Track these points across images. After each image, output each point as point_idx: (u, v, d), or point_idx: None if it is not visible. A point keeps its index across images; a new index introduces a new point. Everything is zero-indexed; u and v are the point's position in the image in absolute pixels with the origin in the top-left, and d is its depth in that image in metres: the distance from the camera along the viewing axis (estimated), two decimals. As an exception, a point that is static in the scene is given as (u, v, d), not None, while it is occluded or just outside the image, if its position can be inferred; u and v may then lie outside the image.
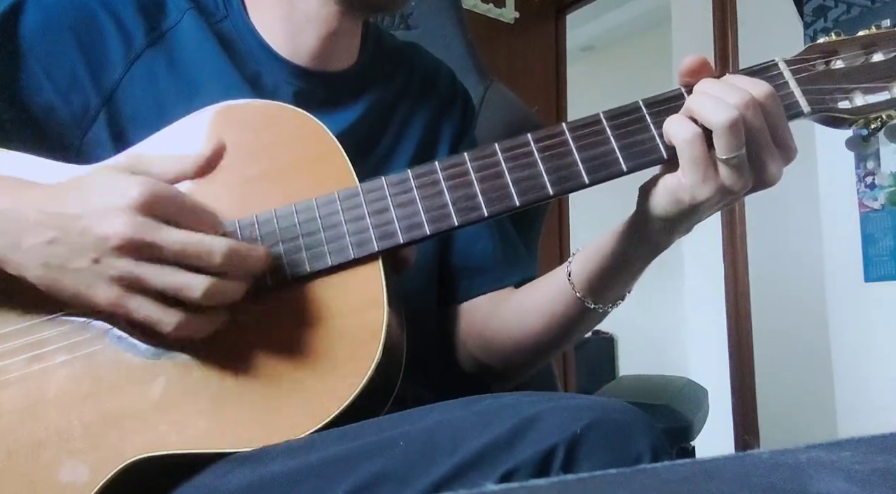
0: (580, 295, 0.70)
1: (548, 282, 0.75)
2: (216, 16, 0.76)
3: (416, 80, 0.87)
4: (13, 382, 0.60)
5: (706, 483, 0.31)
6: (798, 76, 0.62)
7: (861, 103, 0.62)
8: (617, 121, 0.62)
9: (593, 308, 0.70)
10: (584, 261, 0.70)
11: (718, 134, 0.56)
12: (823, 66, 0.63)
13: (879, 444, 0.36)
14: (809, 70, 0.63)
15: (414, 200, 0.62)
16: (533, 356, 0.80)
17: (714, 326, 2.73)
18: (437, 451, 0.49)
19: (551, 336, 0.75)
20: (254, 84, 0.75)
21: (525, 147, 0.62)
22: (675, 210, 0.60)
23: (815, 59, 0.63)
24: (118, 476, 0.57)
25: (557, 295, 0.72)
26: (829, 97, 0.62)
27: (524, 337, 0.77)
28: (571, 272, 0.70)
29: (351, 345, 0.59)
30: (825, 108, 0.62)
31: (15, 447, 0.59)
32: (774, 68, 0.63)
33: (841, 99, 0.62)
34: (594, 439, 0.47)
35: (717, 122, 0.56)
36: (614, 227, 0.67)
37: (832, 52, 0.64)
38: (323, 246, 0.61)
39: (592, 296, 0.70)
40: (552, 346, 0.78)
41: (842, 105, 0.62)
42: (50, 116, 0.70)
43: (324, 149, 0.65)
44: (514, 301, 0.80)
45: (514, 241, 0.87)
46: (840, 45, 0.64)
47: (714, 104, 0.57)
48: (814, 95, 0.62)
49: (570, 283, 0.70)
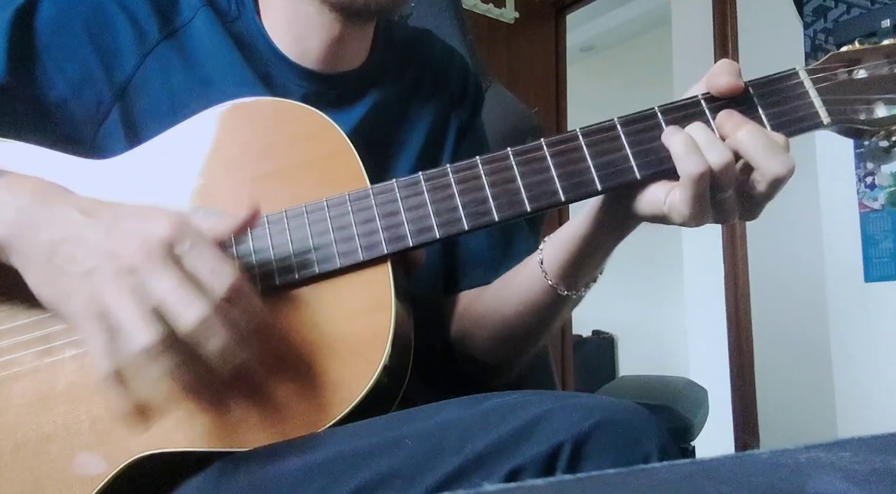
0: (552, 283, 0.69)
1: (521, 272, 0.75)
2: (229, 16, 0.76)
3: (427, 73, 0.86)
4: (23, 375, 0.60)
5: (706, 483, 0.31)
6: (819, 86, 0.61)
7: (883, 114, 0.60)
8: (632, 127, 0.61)
9: (566, 294, 0.70)
10: (555, 249, 0.69)
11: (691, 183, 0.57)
12: (845, 74, 0.61)
13: (879, 444, 0.36)
14: (831, 79, 0.61)
15: (424, 203, 0.61)
16: (512, 345, 0.80)
17: (714, 326, 2.73)
18: (444, 450, 0.49)
19: (527, 324, 0.75)
20: (266, 84, 0.75)
21: (538, 152, 0.61)
22: (654, 217, 0.61)
23: (837, 68, 0.62)
24: (124, 471, 0.57)
25: (531, 284, 0.72)
26: (851, 108, 0.60)
27: (502, 327, 0.77)
28: (543, 260, 0.70)
29: (358, 348, 0.59)
30: (846, 119, 0.60)
31: (23, 440, 0.59)
32: (795, 77, 0.61)
33: (862, 109, 0.60)
34: (601, 439, 0.47)
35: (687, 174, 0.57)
36: (583, 214, 0.67)
37: (855, 61, 0.62)
38: (332, 247, 0.61)
39: (565, 282, 0.69)
40: (530, 335, 0.78)
41: (863, 115, 0.60)
42: (63, 110, 0.70)
43: (335, 149, 0.64)
44: (491, 291, 0.80)
45: (516, 230, 0.86)
46: (863, 54, 0.62)
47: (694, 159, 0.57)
48: (834, 105, 0.60)
49: (542, 271, 0.70)
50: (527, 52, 2.82)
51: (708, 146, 0.57)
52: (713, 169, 0.56)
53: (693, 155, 0.57)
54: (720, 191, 0.58)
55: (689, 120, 0.60)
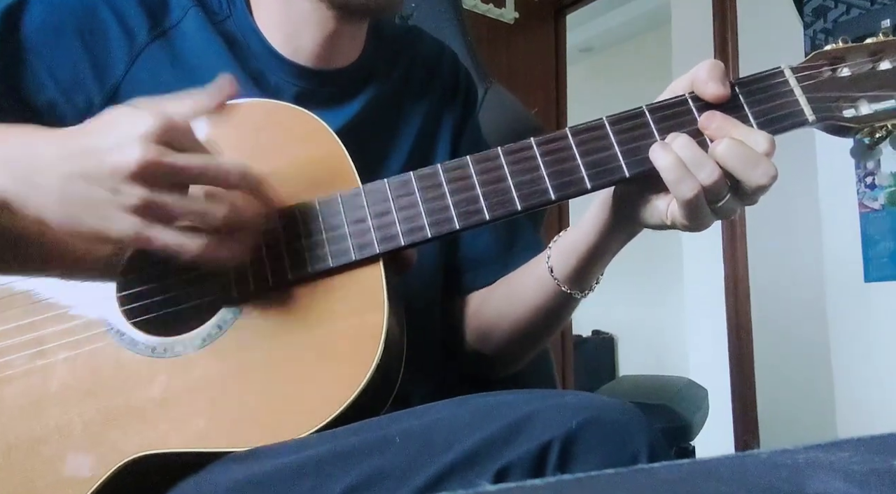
0: (565, 288, 0.72)
1: (529, 278, 0.77)
2: (220, 14, 0.76)
3: (417, 68, 0.86)
4: (15, 378, 0.60)
5: (705, 483, 0.31)
6: (804, 84, 0.62)
7: (867, 112, 0.61)
8: (620, 126, 0.62)
9: (579, 297, 0.73)
10: (564, 256, 0.71)
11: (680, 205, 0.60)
12: (829, 72, 0.62)
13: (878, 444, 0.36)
14: (816, 77, 0.62)
15: (416, 203, 0.62)
16: (524, 345, 0.82)
17: (714, 326, 2.73)
18: (434, 449, 0.49)
19: (540, 325, 0.78)
20: (257, 83, 0.74)
21: (528, 151, 0.62)
22: (660, 226, 0.64)
23: (822, 66, 0.62)
24: (118, 473, 0.57)
25: (541, 289, 0.74)
26: (835, 105, 0.61)
27: (514, 329, 0.79)
28: (553, 268, 0.72)
29: (351, 347, 0.59)
30: (830, 116, 0.61)
31: (15, 442, 0.59)
32: (780, 75, 0.62)
33: (846, 107, 0.61)
34: (589, 437, 0.48)
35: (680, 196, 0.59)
36: (588, 222, 0.69)
37: (839, 59, 0.63)
38: (325, 247, 0.61)
39: (576, 285, 0.72)
40: (542, 335, 0.81)
41: (847, 113, 0.61)
42: (52, 113, 0.70)
43: (326, 150, 0.65)
44: (501, 292, 0.81)
45: (520, 228, 0.87)
46: (847, 52, 0.63)
47: (686, 181, 0.59)
48: (819, 103, 0.61)
49: (553, 278, 0.72)
50: (527, 52, 2.82)
51: (697, 165, 0.58)
52: (705, 186, 0.58)
53: (685, 179, 0.58)
54: (715, 201, 0.59)
55: (676, 119, 0.61)
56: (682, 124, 0.61)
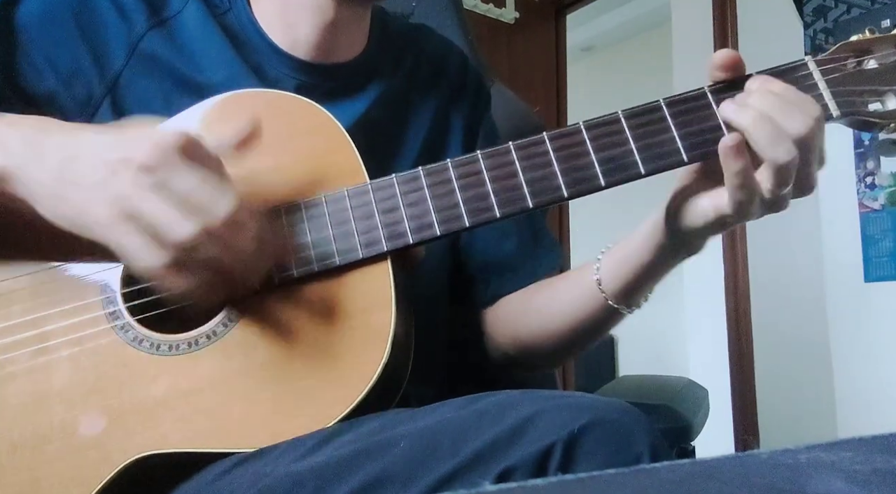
0: (614, 304, 0.70)
1: (575, 288, 0.74)
2: (220, 7, 0.76)
3: (424, 66, 0.85)
4: (19, 375, 0.60)
5: (706, 483, 0.31)
6: (829, 77, 0.59)
7: (894, 106, 0.58)
8: (636, 120, 0.59)
9: (627, 312, 0.71)
10: (616, 271, 0.69)
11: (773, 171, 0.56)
12: (855, 65, 0.59)
13: (879, 444, 0.36)
14: (840, 70, 0.59)
15: (425, 199, 0.60)
16: (564, 353, 0.82)
17: (714, 326, 2.73)
18: (438, 452, 0.49)
19: (582, 336, 0.76)
20: (258, 76, 0.74)
21: (540, 146, 0.60)
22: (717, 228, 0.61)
23: (847, 58, 0.59)
24: (123, 472, 0.57)
25: (587, 301, 0.72)
26: (860, 99, 0.58)
27: (557, 339, 0.77)
28: (601, 280, 0.70)
29: (358, 347, 0.58)
30: (855, 111, 0.58)
31: (20, 441, 0.58)
32: (804, 68, 0.60)
33: (872, 101, 0.58)
34: (592, 438, 0.47)
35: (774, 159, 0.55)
36: (644, 238, 0.67)
37: (865, 51, 0.60)
38: (331, 244, 0.60)
39: (626, 301, 0.70)
40: (584, 344, 0.79)
41: (873, 107, 0.58)
42: (53, 103, 0.69)
43: (334, 143, 0.63)
44: (542, 301, 0.79)
45: (540, 229, 0.86)
46: (874, 44, 0.60)
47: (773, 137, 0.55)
48: (843, 98, 0.58)
49: (602, 292, 0.70)
50: (527, 52, 2.82)
51: (785, 116, 0.55)
52: (798, 138, 0.55)
53: (777, 135, 0.55)
54: (785, 182, 0.57)
55: (694, 113, 0.59)
56: (701, 119, 0.59)
